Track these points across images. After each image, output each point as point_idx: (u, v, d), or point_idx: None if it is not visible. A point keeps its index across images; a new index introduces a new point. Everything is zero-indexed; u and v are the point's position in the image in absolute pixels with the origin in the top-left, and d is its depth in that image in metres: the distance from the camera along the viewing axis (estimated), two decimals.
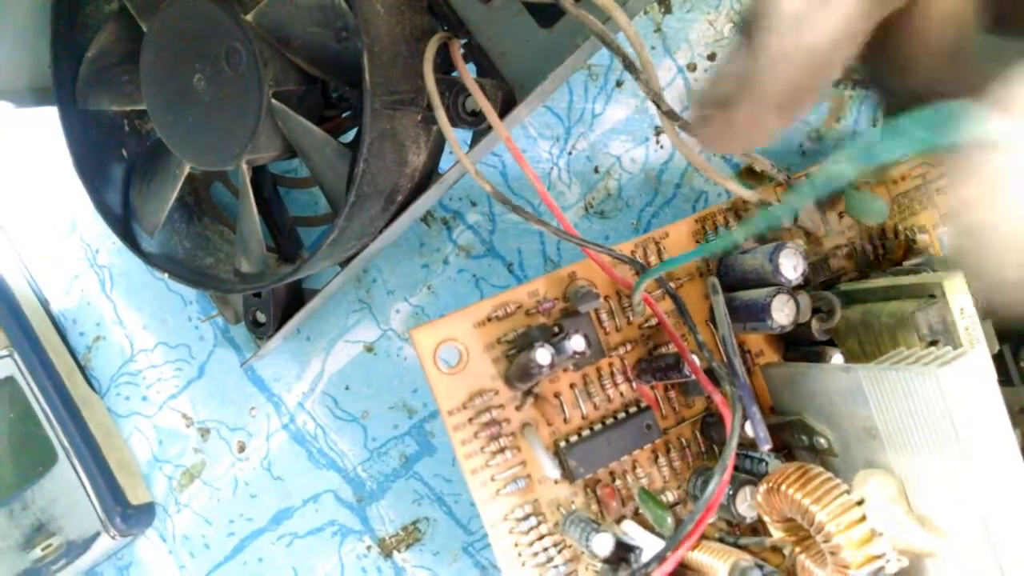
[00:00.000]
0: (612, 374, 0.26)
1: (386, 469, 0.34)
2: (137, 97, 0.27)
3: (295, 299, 0.32)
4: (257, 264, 0.28)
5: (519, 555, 0.25)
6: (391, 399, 0.34)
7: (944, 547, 0.21)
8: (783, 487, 0.22)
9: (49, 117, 0.29)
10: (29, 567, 0.34)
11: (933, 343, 0.23)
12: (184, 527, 0.35)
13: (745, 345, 0.27)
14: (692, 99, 0.20)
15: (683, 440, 0.27)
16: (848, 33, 0.15)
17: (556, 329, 0.25)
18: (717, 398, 0.23)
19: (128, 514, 0.34)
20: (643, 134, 0.33)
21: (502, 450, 0.25)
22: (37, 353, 0.35)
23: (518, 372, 0.24)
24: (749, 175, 0.28)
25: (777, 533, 0.23)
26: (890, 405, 0.22)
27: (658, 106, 0.22)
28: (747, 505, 0.24)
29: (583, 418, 0.26)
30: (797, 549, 0.23)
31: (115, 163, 0.30)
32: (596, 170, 0.33)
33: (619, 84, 0.34)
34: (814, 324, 0.25)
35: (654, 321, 0.26)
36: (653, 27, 0.34)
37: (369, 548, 0.34)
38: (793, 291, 0.24)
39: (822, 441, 0.24)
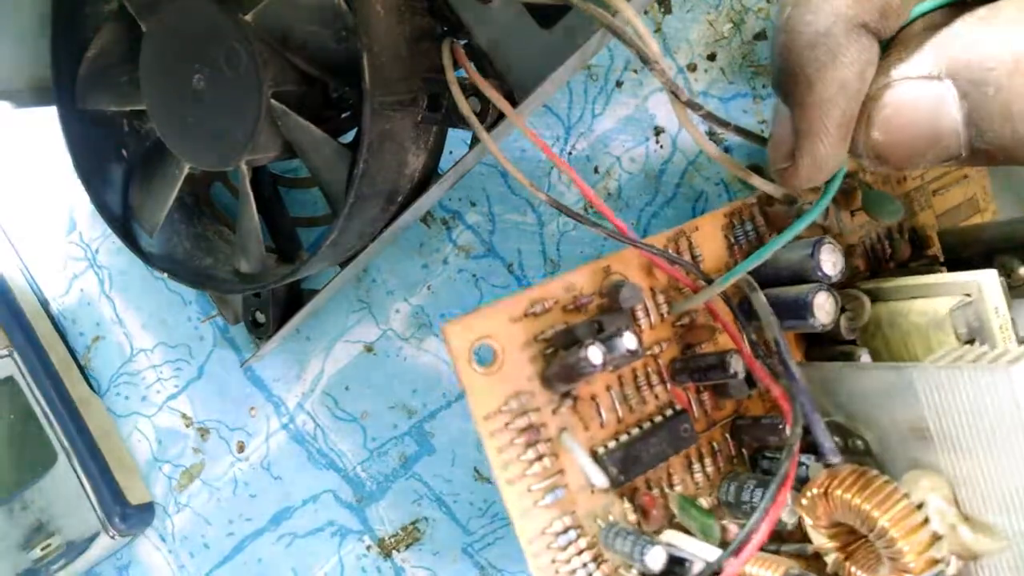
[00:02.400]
0: (648, 375, 0.25)
1: (386, 469, 0.34)
2: (136, 97, 0.27)
3: (295, 299, 0.32)
4: (256, 264, 0.28)
5: (556, 572, 0.23)
6: (391, 399, 0.34)
7: (997, 549, 0.21)
8: (838, 491, 0.21)
9: (48, 117, 0.29)
10: (29, 567, 0.34)
11: (969, 342, 0.23)
12: (184, 527, 0.35)
13: (768, 346, 0.26)
14: (770, 157, 0.21)
15: (714, 444, 0.26)
16: (870, 58, 0.19)
17: (597, 326, 0.23)
18: (776, 391, 0.23)
19: (127, 514, 0.34)
20: (643, 134, 0.33)
21: (540, 458, 0.23)
22: (37, 353, 0.35)
23: (563, 372, 0.22)
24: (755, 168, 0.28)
25: (819, 539, 0.22)
26: (947, 404, 0.21)
27: (676, 96, 0.22)
28: (788, 510, 0.23)
29: (619, 422, 0.24)
30: (842, 556, 0.22)
31: (114, 163, 0.30)
32: (596, 170, 0.33)
33: (619, 84, 0.34)
34: (843, 323, 0.25)
35: (685, 320, 0.26)
36: (653, 27, 0.34)
37: (369, 548, 0.34)
38: (831, 288, 0.24)
39: (859, 443, 0.24)
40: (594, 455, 0.24)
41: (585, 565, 0.23)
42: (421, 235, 0.34)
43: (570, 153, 0.34)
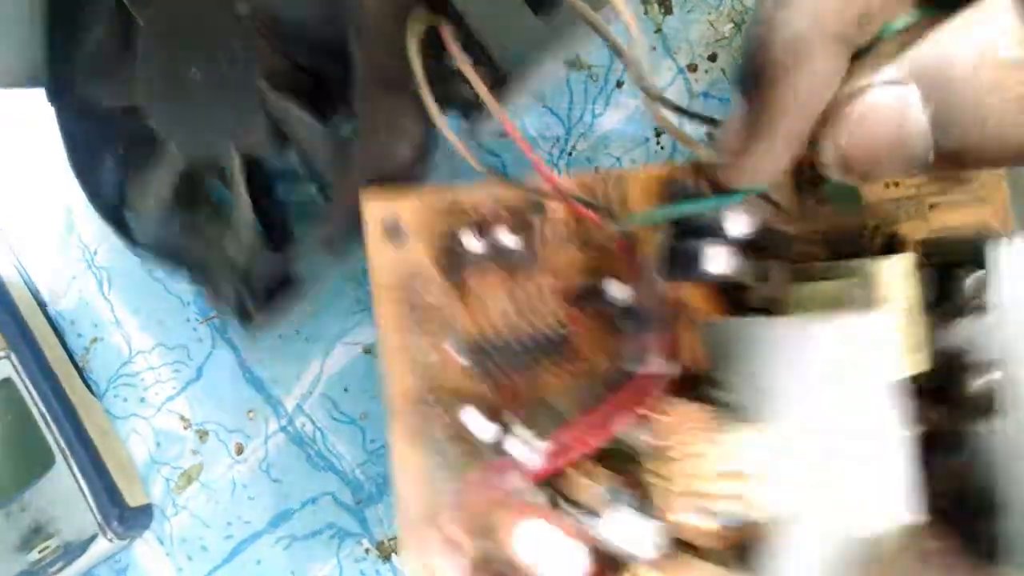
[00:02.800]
0: (545, 293, 0.27)
1: (384, 471, 0.34)
2: (132, 88, 0.27)
3: (287, 290, 0.31)
4: (248, 253, 0.28)
5: (413, 433, 0.26)
6: None
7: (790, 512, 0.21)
8: (665, 419, 0.23)
9: (46, 117, 0.29)
10: (26, 569, 0.34)
11: None
12: (182, 529, 0.35)
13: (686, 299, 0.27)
14: (716, 148, 0.22)
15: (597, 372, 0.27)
16: (838, 69, 0.19)
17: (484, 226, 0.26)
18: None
19: (126, 516, 0.34)
20: (643, 135, 0.33)
21: (423, 332, 0.26)
22: (34, 355, 0.35)
23: (450, 259, 0.25)
24: None
25: (671, 467, 0.23)
26: (752, 359, 0.22)
27: (647, 92, 0.22)
28: (641, 432, 0.24)
29: (508, 324, 0.26)
30: (687, 485, 0.23)
31: (109, 153, 0.30)
32: (596, 171, 0.33)
33: (619, 85, 0.34)
34: (754, 290, 0.26)
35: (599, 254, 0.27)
36: (654, 28, 0.34)
37: (368, 551, 0.34)
38: (734, 246, 0.25)
39: (729, 398, 0.24)
40: (473, 342, 0.26)
41: (441, 435, 0.26)
42: None
43: (570, 154, 0.34)
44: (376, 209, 0.25)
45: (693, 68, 0.34)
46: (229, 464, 0.35)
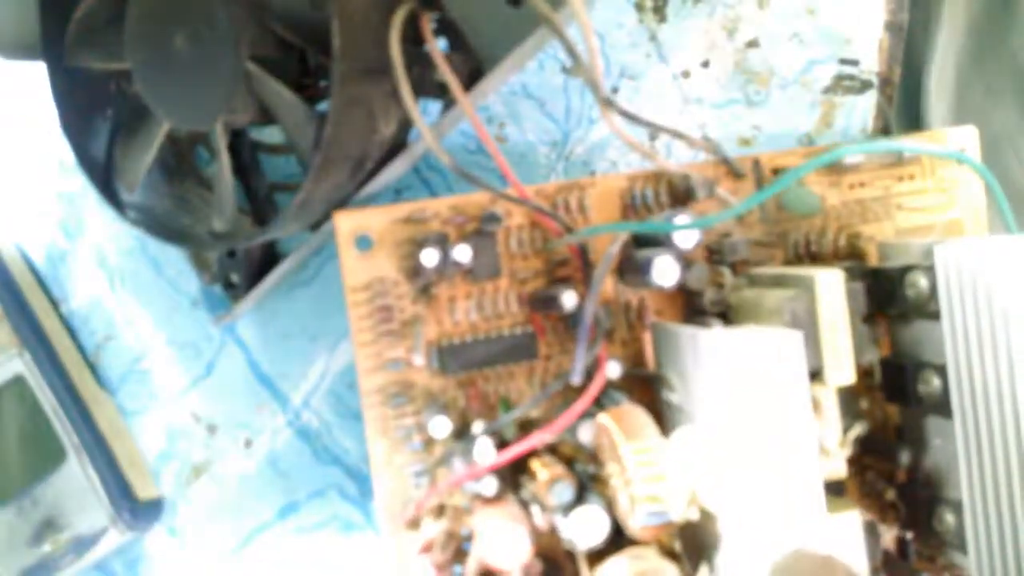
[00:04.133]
0: (508, 297, 0.29)
1: None
2: (121, 56, 0.28)
3: (269, 262, 0.32)
4: (230, 223, 0.29)
5: (383, 427, 0.28)
6: None
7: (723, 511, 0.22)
8: (604, 419, 0.24)
9: (51, 119, 0.30)
10: (38, 561, 0.35)
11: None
12: (192, 522, 0.36)
13: (646, 303, 0.29)
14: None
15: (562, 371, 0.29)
16: None
17: (444, 238, 0.28)
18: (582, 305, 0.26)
19: (136, 509, 0.35)
20: (639, 140, 0.34)
21: (390, 332, 0.28)
22: (47, 352, 0.35)
23: (414, 270, 0.27)
24: None
25: (610, 466, 0.24)
26: (704, 368, 0.23)
27: (596, 92, 0.24)
28: (586, 432, 0.26)
29: (471, 326, 0.29)
30: (621, 484, 0.24)
31: (100, 121, 0.31)
32: (593, 174, 0.34)
33: (615, 91, 0.35)
34: (706, 295, 0.27)
35: (559, 260, 0.29)
36: (648, 35, 0.35)
37: (373, 542, 0.35)
38: (684, 257, 0.26)
39: (673, 397, 0.25)
40: (438, 344, 0.28)
41: (408, 428, 0.28)
42: None
43: (567, 158, 0.34)
44: (346, 221, 0.28)
45: (687, 75, 0.35)
46: (237, 458, 0.35)
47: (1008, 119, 0.35)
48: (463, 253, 0.27)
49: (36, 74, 0.30)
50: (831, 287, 0.24)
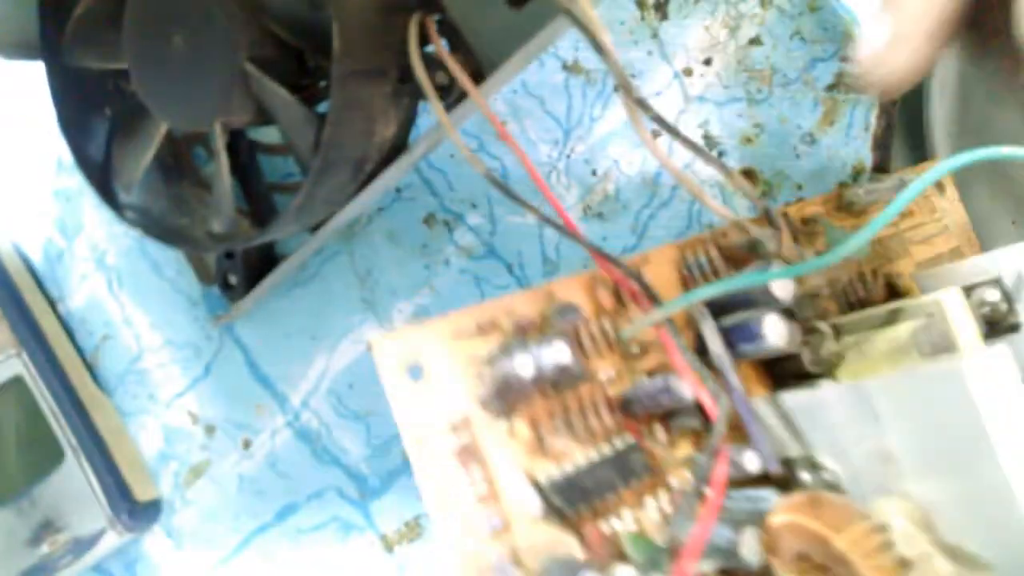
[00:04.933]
0: (595, 404, 0.23)
1: (389, 466, 0.34)
2: (120, 56, 0.27)
3: (267, 263, 0.32)
4: (228, 224, 0.29)
5: None
6: None
7: None
8: (792, 517, 0.20)
9: (49, 119, 0.30)
10: (36, 563, 0.35)
11: None
12: (190, 523, 0.36)
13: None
14: (857, 55, 0.21)
15: (673, 482, 0.25)
16: None
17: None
18: (705, 396, 0.22)
19: (135, 511, 0.35)
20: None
21: (473, 483, 0.22)
22: (45, 353, 0.35)
23: (497, 389, 0.22)
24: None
25: None
26: (905, 419, 0.20)
27: (628, 91, 0.23)
28: (750, 549, 0.21)
29: (563, 451, 0.23)
30: None
31: (98, 121, 0.31)
32: (594, 173, 0.34)
33: (617, 88, 0.34)
34: (805, 355, 0.24)
35: (636, 349, 0.24)
36: (650, 33, 0.34)
37: (372, 544, 0.35)
38: (784, 312, 0.23)
39: (826, 475, 0.22)
40: (536, 483, 0.22)
41: None
42: (424, 236, 0.34)
43: (568, 156, 0.34)
44: (392, 348, 0.21)
45: (688, 72, 0.34)
46: (236, 459, 0.35)
47: (1012, 121, 0.35)
48: (561, 353, 0.21)
49: (34, 73, 0.30)
50: (957, 305, 0.22)
